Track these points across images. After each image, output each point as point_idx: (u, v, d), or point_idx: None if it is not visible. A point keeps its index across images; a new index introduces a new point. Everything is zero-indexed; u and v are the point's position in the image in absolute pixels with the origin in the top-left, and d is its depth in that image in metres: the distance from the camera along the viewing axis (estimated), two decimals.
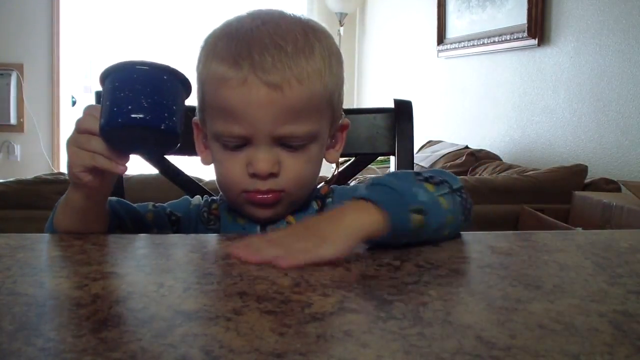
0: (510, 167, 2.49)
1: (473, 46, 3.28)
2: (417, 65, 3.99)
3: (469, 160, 2.72)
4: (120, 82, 0.63)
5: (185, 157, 1.00)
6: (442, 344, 0.41)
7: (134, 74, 0.63)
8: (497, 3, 3.06)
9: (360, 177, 2.09)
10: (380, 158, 1.16)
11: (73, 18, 4.64)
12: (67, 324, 0.43)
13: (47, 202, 1.86)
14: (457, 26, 3.46)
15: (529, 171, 2.28)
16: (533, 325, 0.45)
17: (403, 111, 1.07)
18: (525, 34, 2.78)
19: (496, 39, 3.04)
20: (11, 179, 2.01)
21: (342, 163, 0.92)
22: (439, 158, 2.96)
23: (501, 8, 3.03)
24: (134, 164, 0.73)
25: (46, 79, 4.55)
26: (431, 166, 2.91)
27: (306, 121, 0.74)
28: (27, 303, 0.47)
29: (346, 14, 4.63)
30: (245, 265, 0.58)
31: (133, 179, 1.84)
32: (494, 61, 3.14)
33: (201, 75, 0.77)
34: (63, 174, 2.05)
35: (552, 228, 1.78)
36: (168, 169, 1.05)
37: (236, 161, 0.75)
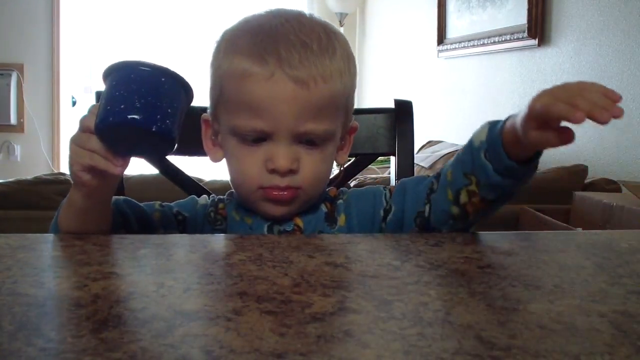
0: None
1: (473, 46, 3.28)
2: (417, 65, 3.99)
3: None
4: (117, 81, 0.63)
5: (185, 157, 1.00)
6: (442, 344, 0.41)
7: (132, 74, 0.63)
8: (497, 3, 3.06)
9: (360, 177, 2.09)
10: (380, 158, 1.16)
11: (73, 18, 4.64)
12: (67, 324, 0.43)
13: (47, 202, 1.87)
14: (457, 26, 3.46)
15: None
16: (533, 325, 0.45)
17: (403, 111, 1.07)
18: (525, 34, 2.78)
19: (496, 39, 3.04)
20: (11, 179, 2.01)
21: (342, 164, 0.92)
22: (439, 158, 2.96)
23: (501, 8, 3.03)
24: (134, 164, 0.73)
25: (46, 79, 4.55)
26: (431, 166, 2.91)
27: (326, 119, 0.75)
28: (27, 303, 0.47)
29: (346, 14, 4.63)
30: (245, 265, 0.58)
31: (133, 179, 1.84)
32: (494, 61, 3.14)
33: (219, 70, 0.77)
34: (63, 174, 2.05)
35: (552, 228, 1.78)
36: (168, 169, 1.05)
37: (255, 157, 0.76)
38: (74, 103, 4.71)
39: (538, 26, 2.72)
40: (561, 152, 2.87)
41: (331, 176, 1.03)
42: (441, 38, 3.62)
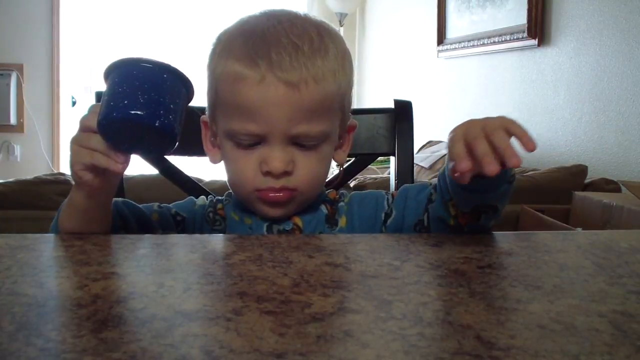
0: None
1: (473, 46, 3.28)
2: (417, 65, 3.99)
3: None
4: (120, 78, 0.63)
5: (185, 157, 1.00)
6: (442, 344, 0.41)
7: (134, 70, 0.63)
8: (497, 3, 3.06)
9: (360, 177, 2.09)
10: (380, 158, 1.16)
11: (73, 18, 4.64)
12: (67, 324, 0.43)
13: (47, 203, 1.87)
14: (457, 26, 3.47)
15: (529, 171, 2.28)
16: (533, 325, 0.45)
17: (403, 111, 1.07)
18: (525, 34, 2.78)
19: (496, 39, 3.04)
20: (11, 179, 2.01)
21: (342, 163, 0.92)
22: (439, 158, 2.96)
23: (501, 8, 3.03)
24: (134, 164, 0.73)
25: (46, 79, 4.55)
26: (431, 166, 2.91)
27: (320, 121, 0.75)
28: (27, 303, 0.47)
29: (346, 14, 4.63)
30: (244, 265, 0.58)
31: (133, 179, 1.84)
32: (494, 61, 3.14)
33: (214, 73, 0.77)
34: (63, 174, 2.05)
35: (552, 228, 1.78)
36: (168, 169, 1.05)
37: (249, 159, 0.76)
38: (74, 103, 4.71)
39: (538, 26, 2.72)
40: (561, 152, 2.87)
41: (331, 176, 1.03)
42: (441, 38, 3.62)
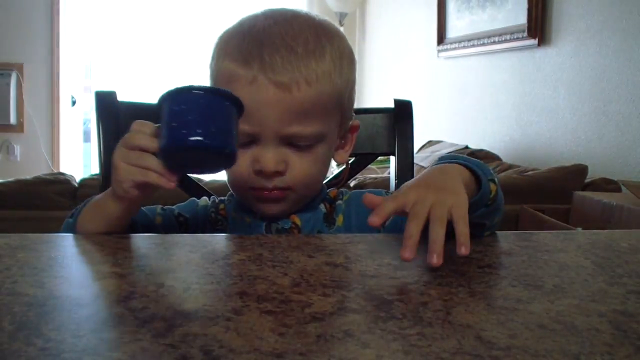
0: (510, 167, 2.49)
1: (473, 46, 3.28)
2: (417, 65, 3.99)
3: None
4: (187, 106, 0.64)
5: None
6: (442, 344, 0.41)
7: (200, 99, 0.64)
8: (497, 3, 3.06)
9: (360, 177, 2.09)
10: (380, 158, 1.16)
11: (73, 18, 4.64)
12: (67, 324, 0.43)
13: (47, 202, 1.87)
14: (457, 26, 3.46)
15: (529, 171, 2.28)
16: (533, 325, 0.45)
17: (403, 111, 1.07)
18: (525, 34, 2.78)
19: (496, 39, 3.04)
20: (11, 179, 2.01)
21: (343, 162, 0.92)
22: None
23: (501, 8, 3.03)
24: None
25: (46, 79, 4.54)
26: (431, 166, 2.91)
27: (313, 122, 0.75)
28: (27, 303, 0.47)
29: (346, 14, 4.63)
30: (244, 265, 0.58)
31: None
32: (494, 61, 3.14)
33: (213, 71, 0.79)
34: (63, 174, 2.05)
35: (552, 228, 1.78)
36: None
37: (243, 158, 0.76)
38: (74, 103, 4.71)
39: (538, 26, 2.72)
40: (561, 152, 2.87)
41: (334, 175, 1.03)
42: (441, 38, 3.62)
